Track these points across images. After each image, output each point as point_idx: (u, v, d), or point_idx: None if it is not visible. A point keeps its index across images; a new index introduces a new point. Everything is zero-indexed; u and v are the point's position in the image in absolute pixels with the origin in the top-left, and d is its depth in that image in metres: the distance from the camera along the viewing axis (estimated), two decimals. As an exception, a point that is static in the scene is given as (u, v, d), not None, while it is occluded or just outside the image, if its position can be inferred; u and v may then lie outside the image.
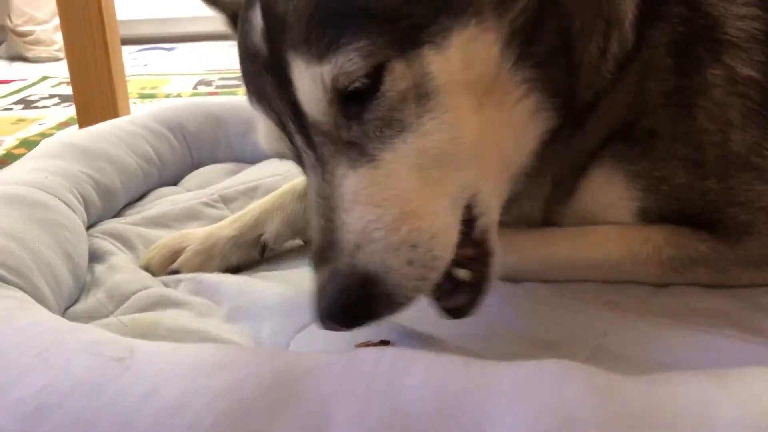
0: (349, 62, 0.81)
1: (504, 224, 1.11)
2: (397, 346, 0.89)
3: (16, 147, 2.47)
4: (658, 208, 1.11)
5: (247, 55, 0.94)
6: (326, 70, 0.82)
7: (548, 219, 1.17)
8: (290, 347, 0.97)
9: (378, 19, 0.83)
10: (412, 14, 0.84)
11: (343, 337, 0.94)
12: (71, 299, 1.11)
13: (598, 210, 1.14)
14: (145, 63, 4.23)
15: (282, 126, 0.92)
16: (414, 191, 0.85)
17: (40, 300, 0.98)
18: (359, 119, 0.85)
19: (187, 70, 3.88)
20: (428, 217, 0.85)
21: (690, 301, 1.08)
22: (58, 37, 4.27)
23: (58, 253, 1.10)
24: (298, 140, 0.89)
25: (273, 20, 0.87)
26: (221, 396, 0.65)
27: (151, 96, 3.29)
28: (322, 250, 0.83)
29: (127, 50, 2.20)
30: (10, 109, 3.12)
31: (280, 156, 0.99)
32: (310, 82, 0.84)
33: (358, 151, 0.85)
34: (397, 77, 0.84)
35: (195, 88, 3.43)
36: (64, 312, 1.08)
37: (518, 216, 1.15)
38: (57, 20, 4.25)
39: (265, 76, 0.90)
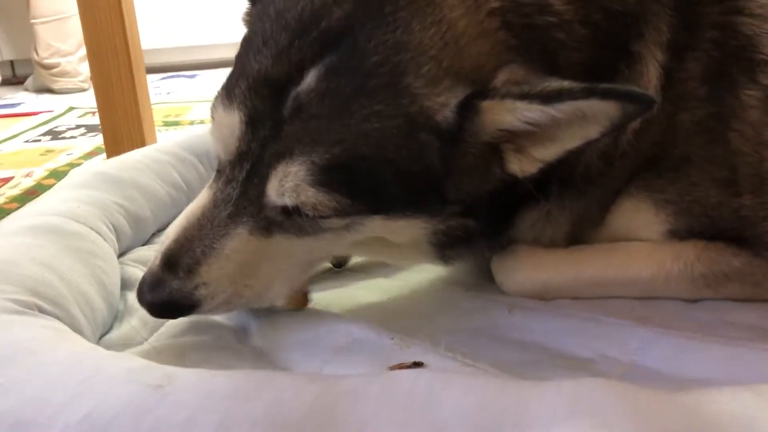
0: (323, 202, 0.90)
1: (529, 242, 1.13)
2: (429, 368, 0.89)
3: (46, 178, 2.51)
4: (688, 227, 1.11)
5: (262, 53, 0.93)
6: (307, 185, 0.90)
7: (574, 243, 1.17)
8: (323, 372, 0.97)
9: (366, 188, 0.92)
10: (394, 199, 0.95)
11: (375, 361, 0.95)
12: (105, 327, 1.13)
13: (627, 234, 1.14)
14: (168, 91, 4.28)
15: (244, 141, 0.93)
16: (277, 275, 1.02)
17: (76, 329, 0.99)
18: (297, 214, 0.93)
19: (210, 96, 3.89)
20: (271, 296, 1.04)
21: (723, 316, 1.08)
22: (83, 69, 4.36)
23: (92, 282, 1.12)
24: (244, 167, 0.93)
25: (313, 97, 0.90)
26: (261, 422, 0.65)
27: (175, 123, 3.33)
28: (176, 259, 0.96)
29: (150, 79, 2.23)
30: (39, 140, 3.16)
31: (216, 152, 1.00)
32: (296, 167, 0.89)
33: (266, 226, 0.95)
34: (341, 222, 0.96)
35: (218, 114, 3.44)
36: (98, 340, 1.09)
37: (539, 240, 1.15)
38: (82, 52, 4.33)
39: (274, 98, 0.91)
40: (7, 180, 2.49)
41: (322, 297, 1.21)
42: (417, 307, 1.17)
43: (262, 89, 0.92)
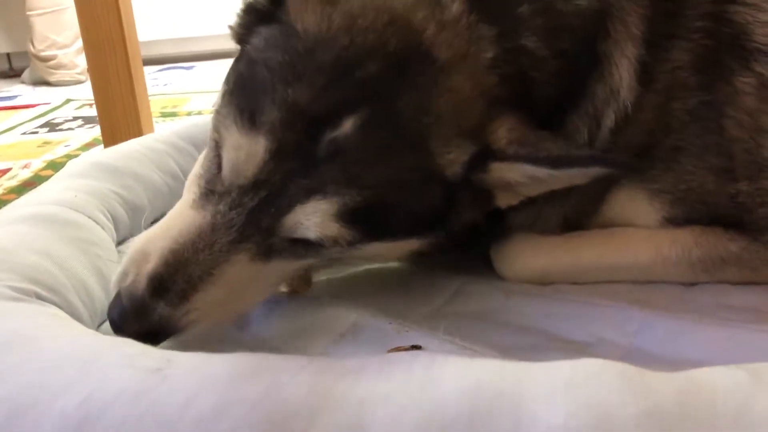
0: (343, 236, 0.93)
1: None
2: (428, 351, 0.89)
3: (44, 169, 2.51)
4: (685, 214, 1.11)
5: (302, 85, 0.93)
6: (333, 221, 0.92)
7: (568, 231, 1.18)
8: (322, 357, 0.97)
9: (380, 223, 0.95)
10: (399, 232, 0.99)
11: (374, 346, 0.95)
12: (104, 315, 1.12)
13: (623, 223, 1.15)
14: (165, 83, 4.28)
15: (272, 158, 0.92)
16: (262, 294, 1.03)
17: (75, 316, 0.99)
18: (302, 244, 0.95)
19: (207, 88, 3.90)
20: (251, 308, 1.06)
21: (721, 298, 1.08)
22: (80, 61, 4.35)
23: (90, 271, 1.11)
24: (258, 195, 0.92)
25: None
26: (259, 403, 0.65)
27: (173, 115, 3.33)
28: (167, 284, 0.92)
29: (147, 71, 2.23)
30: (36, 132, 3.16)
31: (236, 172, 0.95)
32: (328, 205, 0.91)
33: (266, 252, 0.94)
34: (343, 250, 0.97)
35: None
36: (97, 328, 1.09)
37: (530, 230, 1.17)
38: (78, 44, 4.32)
39: (307, 134, 0.92)
40: (4, 171, 2.49)
41: (318, 284, 1.22)
42: (415, 292, 1.17)
43: (296, 123, 0.91)
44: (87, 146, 2.81)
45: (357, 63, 0.92)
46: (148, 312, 0.91)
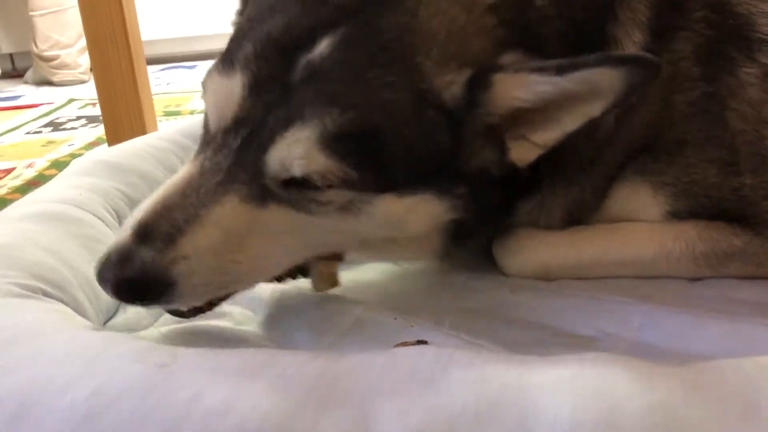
0: (332, 170, 0.87)
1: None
2: (434, 345, 0.89)
3: (48, 168, 2.51)
4: (688, 208, 1.11)
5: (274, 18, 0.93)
6: (318, 151, 0.86)
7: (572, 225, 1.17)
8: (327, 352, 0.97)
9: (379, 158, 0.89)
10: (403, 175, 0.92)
11: (379, 341, 0.95)
12: (110, 312, 1.13)
13: (626, 217, 1.14)
14: (168, 82, 4.29)
15: (248, 99, 0.90)
16: (268, 253, 0.93)
17: (81, 313, 0.99)
18: (296, 187, 0.89)
19: (210, 87, 3.91)
20: (265, 269, 0.95)
21: (726, 293, 1.08)
22: (83, 60, 4.36)
23: (95, 268, 1.12)
24: (240, 134, 0.89)
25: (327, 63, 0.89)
26: (266, 397, 0.66)
27: (176, 113, 3.34)
28: (151, 228, 0.86)
29: (150, 70, 2.23)
30: (40, 132, 3.17)
31: (218, 115, 0.93)
32: (308, 131, 0.86)
33: (260, 195, 0.89)
34: (347, 197, 0.91)
35: (218, 103, 3.45)
36: (103, 325, 1.09)
37: (535, 224, 1.16)
38: (81, 44, 4.33)
39: (282, 63, 0.90)
40: (8, 171, 2.50)
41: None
42: (420, 288, 1.17)
43: (269, 53, 0.90)
44: (91, 145, 2.82)
45: None
46: (130, 258, 0.84)
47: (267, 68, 0.90)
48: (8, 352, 0.74)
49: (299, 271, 1.06)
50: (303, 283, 1.19)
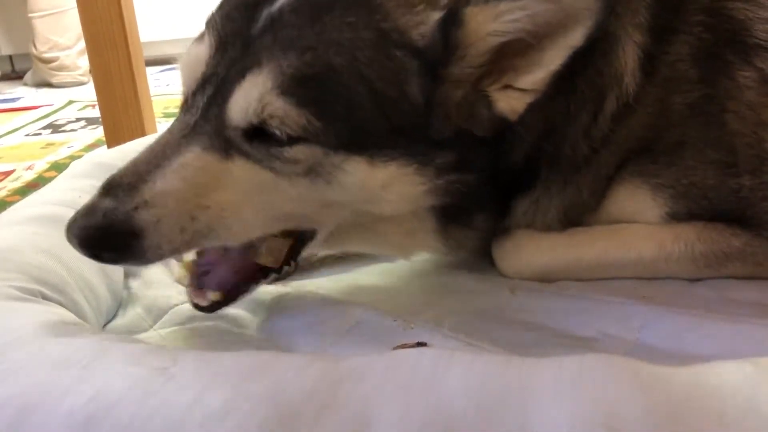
0: (291, 116, 0.86)
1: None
2: (433, 347, 0.89)
3: (47, 170, 2.51)
4: (687, 209, 1.11)
5: None
6: (274, 95, 0.86)
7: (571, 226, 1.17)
8: (327, 354, 0.97)
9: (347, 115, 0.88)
10: (373, 133, 0.91)
11: (379, 343, 0.95)
12: (110, 315, 1.13)
13: (625, 219, 1.14)
14: (167, 83, 4.28)
15: (216, 53, 0.92)
16: (237, 209, 0.90)
17: (81, 316, 0.99)
18: (261, 141, 0.89)
19: (209, 88, 3.91)
20: (235, 227, 0.91)
21: (725, 293, 1.08)
22: (82, 62, 4.36)
23: (94, 270, 1.12)
24: (206, 91, 0.91)
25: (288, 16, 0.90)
26: (265, 400, 0.65)
27: (175, 115, 3.33)
28: (114, 182, 0.87)
29: (149, 71, 2.24)
30: (39, 134, 3.17)
31: (188, 79, 0.95)
32: (264, 77, 0.87)
33: (224, 146, 0.89)
34: (315, 157, 0.90)
35: (217, 105, 3.44)
36: (103, 327, 1.09)
37: (532, 227, 1.15)
38: (80, 46, 4.34)
39: (245, 19, 0.92)
40: (8, 173, 2.49)
41: (324, 282, 1.22)
42: (419, 290, 1.17)
43: (233, 13, 0.93)
44: (90, 147, 2.82)
45: None
46: (94, 209, 0.85)
47: (231, 27, 0.93)
48: (7, 356, 0.74)
49: (286, 261, 1.04)
50: (304, 285, 1.20)
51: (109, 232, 0.84)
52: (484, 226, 1.11)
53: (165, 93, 3.91)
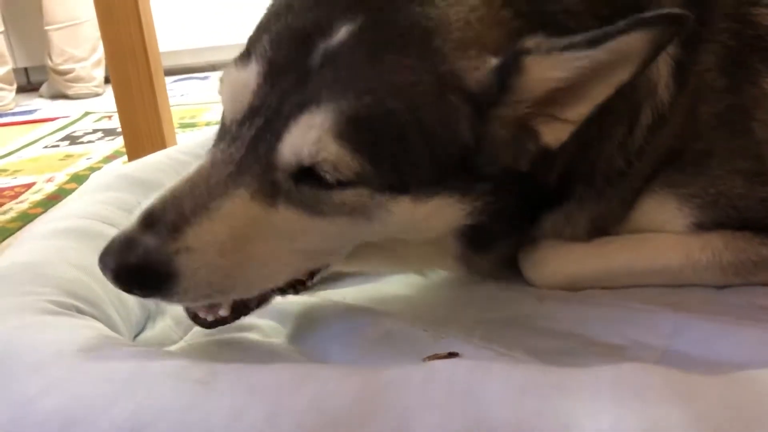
0: (345, 161, 0.85)
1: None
2: (465, 358, 0.89)
3: (67, 182, 2.54)
4: (714, 218, 1.11)
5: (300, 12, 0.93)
6: (331, 138, 0.84)
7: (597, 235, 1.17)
8: (359, 364, 0.98)
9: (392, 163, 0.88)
10: (422, 172, 0.90)
11: (410, 353, 0.95)
12: (139, 327, 1.14)
13: (652, 229, 1.14)
14: (182, 93, 4.31)
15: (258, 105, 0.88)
16: (274, 259, 0.90)
17: (113, 329, 1.00)
18: (308, 184, 0.87)
19: (224, 97, 3.93)
20: (269, 275, 0.91)
21: (754, 299, 1.08)
22: (97, 74, 4.40)
23: (124, 283, 1.12)
24: (255, 123, 0.88)
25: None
26: (306, 413, 0.66)
27: (192, 125, 3.35)
28: (158, 216, 0.83)
29: (163, 81, 2.27)
30: (57, 146, 3.20)
31: (233, 107, 0.91)
32: (322, 116, 0.85)
33: (271, 192, 0.87)
34: (361, 199, 0.89)
35: (234, 114, 3.46)
36: (133, 340, 1.10)
37: (560, 235, 1.15)
38: (95, 57, 4.37)
39: (299, 50, 0.89)
40: (29, 186, 2.52)
41: (350, 292, 1.22)
42: (446, 300, 1.17)
43: (286, 41, 0.90)
44: (108, 158, 2.84)
45: None
46: (134, 244, 0.81)
47: (283, 56, 0.89)
48: (49, 371, 0.75)
49: (300, 282, 1.03)
50: (330, 295, 1.20)
51: (147, 272, 0.82)
52: (502, 252, 1.12)
53: (180, 103, 3.93)
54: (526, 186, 1.01)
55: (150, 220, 0.83)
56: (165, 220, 0.83)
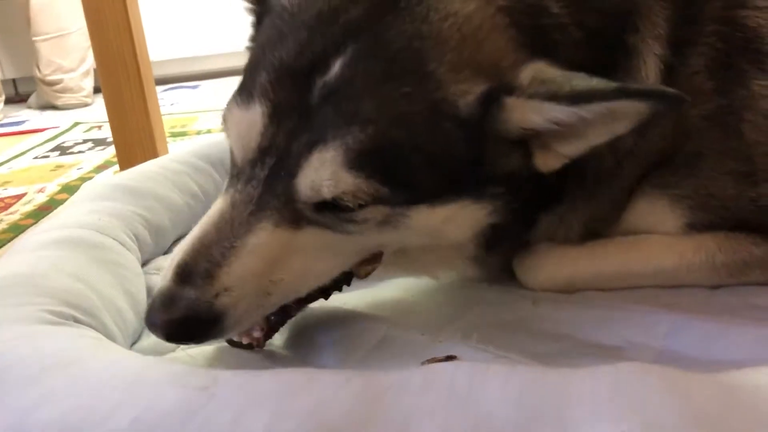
0: (362, 189, 0.88)
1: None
2: (464, 360, 0.90)
3: (59, 192, 2.52)
4: (706, 220, 1.11)
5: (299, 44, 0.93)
6: (344, 171, 0.87)
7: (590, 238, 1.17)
8: (357, 369, 0.98)
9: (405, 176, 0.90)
10: (431, 185, 0.93)
11: (408, 357, 0.95)
12: (135, 336, 1.14)
13: (644, 231, 1.15)
14: (171, 102, 4.30)
15: (267, 139, 0.91)
16: (310, 270, 0.95)
17: (110, 337, 1.00)
18: (330, 210, 0.91)
19: (214, 106, 3.92)
20: (308, 284, 0.97)
21: (748, 299, 1.08)
22: (86, 84, 4.38)
23: (120, 292, 1.13)
24: (267, 163, 0.90)
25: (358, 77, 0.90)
26: (307, 418, 0.66)
27: (182, 134, 3.35)
28: (190, 268, 0.88)
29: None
30: (47, 156, 3.18)
31: (242, 148, 0.94)
32: (332, 152, 0.87)
33: (294, 219, 0.90)
34: (383, 212, 0.92)
35: (224, 123, 3.46)
36: (130, 348, 1.10)
37: (553, 238, 1.16)
38: (84, 68, 4.36)
39: (299, 88, 0.91)
40: (20, 197, 2.51)
41: (347, 297, 1.22)
42: (442, 303, 1.17)
43: (285, 81, 0.91)
44: (99, 168, 2.83)
45: (341, 9, 0.93)
46: (175, 300, 0.88)
47: (284, 96, 0.91)
48: (46, 380, 0.75)
49: (344, 280, 1.06)
50: (329, 301, 1.20)
51: (193, 322, 0.88)
52: (508, 249, 1.14)
53: (170, 112, 3.92)
54: (534, 184, 1.02)
55: (184, 272, 0.88)
56: (198, 270, 0.88)
